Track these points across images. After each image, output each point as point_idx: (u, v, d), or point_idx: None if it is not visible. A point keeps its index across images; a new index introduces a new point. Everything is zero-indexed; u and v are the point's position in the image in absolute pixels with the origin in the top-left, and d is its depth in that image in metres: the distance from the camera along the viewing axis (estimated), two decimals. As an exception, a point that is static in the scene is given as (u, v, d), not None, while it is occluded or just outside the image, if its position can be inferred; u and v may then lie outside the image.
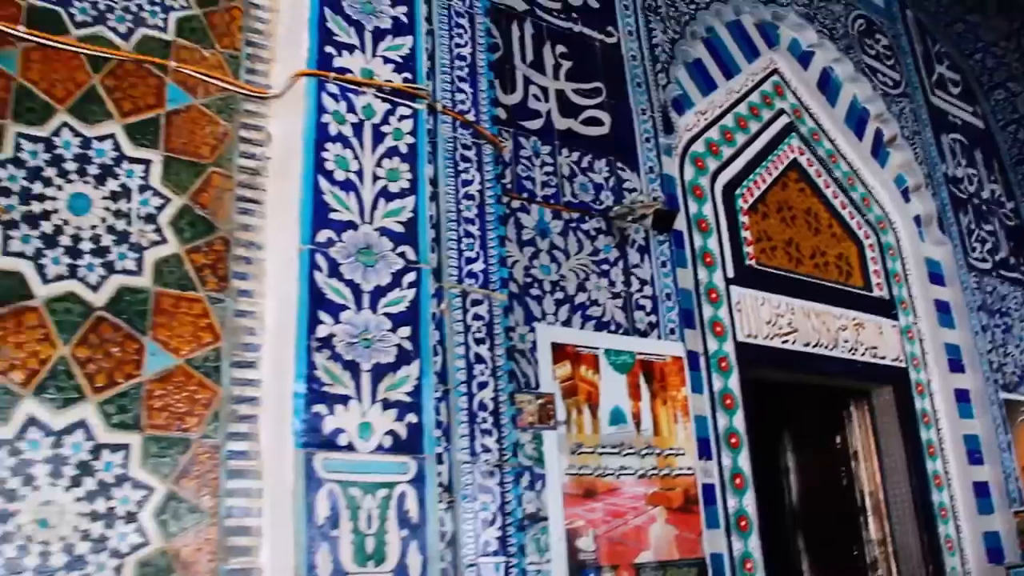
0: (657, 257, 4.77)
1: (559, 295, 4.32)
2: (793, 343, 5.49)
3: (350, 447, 2.71)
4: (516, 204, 4.32)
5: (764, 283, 5.48)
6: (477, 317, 3.53)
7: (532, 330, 4.15)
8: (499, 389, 3.50)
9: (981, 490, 6.07)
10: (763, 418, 5.94)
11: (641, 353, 4.47)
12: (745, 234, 5.52)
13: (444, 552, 3.08)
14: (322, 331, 2.78)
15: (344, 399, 2.75)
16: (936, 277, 6.57)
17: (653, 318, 4.61)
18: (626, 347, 4.43)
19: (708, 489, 4.54)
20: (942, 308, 6.49)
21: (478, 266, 3.61)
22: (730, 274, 5.30)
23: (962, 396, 6.28)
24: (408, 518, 2.74)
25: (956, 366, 6.35)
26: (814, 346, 5.60)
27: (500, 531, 3.31)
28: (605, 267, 4.54)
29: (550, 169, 4.52)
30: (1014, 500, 6.11)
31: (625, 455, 4.20)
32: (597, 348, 4.33)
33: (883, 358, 6.02)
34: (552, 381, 4.13)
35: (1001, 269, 7.03)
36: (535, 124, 4.56)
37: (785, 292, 5.57)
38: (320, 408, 2.69)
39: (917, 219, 6.65)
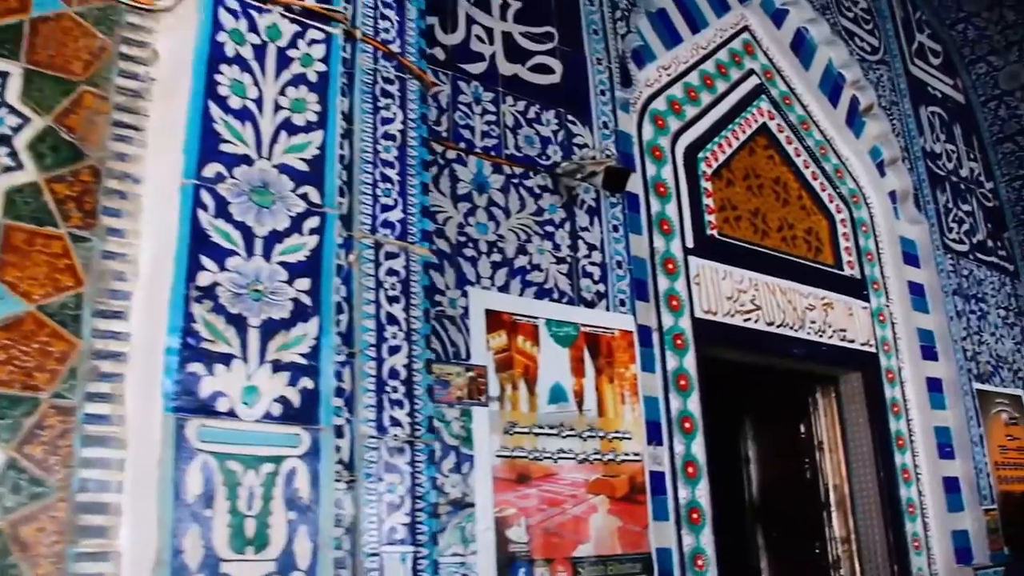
0: (608, 221, 4.31)
1: (496, 257, 3.84)
2: (756, 322, 5.05)
3: (231, 414, 2.34)
4: (452, 154, 3.85)
5: (726, 255, 5.04)
6: (392, 272, 3.05)
7: (464, 295, 3.68)
8: (414, 355, 3.03)
9: (951, 486, 5.69)
10: (722, 402, 5.55)
11: (587, 325, 4.00)
12: (707, 201, 5.08)
13: (341, 539, 2.65)
14: (204, 279, 2.39)
15: (226, 358, 2.37)
16: (910, 257, 6.17)
17: (601, 287, 4.15)
18: (570, 318, 3.97)
19: (657, 477, 4.10)
20: (916, 291, 6.09)
21: (395, 215, 3.13)
22: (689, 244, 4.85)
23: (934, 385, 5.90)
24: (298, 498, 2.38)
25: (929, 353, 5.96)
26: (779, 326, 5.17)
27: (408, 516, 2.85)
28: (549, 229, 4.07)
29: (492, 118, 4.04)
30: (985, 497, 5.74)
31: (565, 437, 3.74)
32: (537, 318, 3.86)
33: (852, 341, 5.61)
34: (485, 352, 3.66)
35: (978, 252, 6.65)
36: (477, 68, 4.07)
37: (749, 266, 5.13)
38: (197, 367, 2.31)
39: (892, 195, 6.25)
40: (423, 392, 3.01)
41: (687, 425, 4.42)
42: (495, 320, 3.73)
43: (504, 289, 3.82)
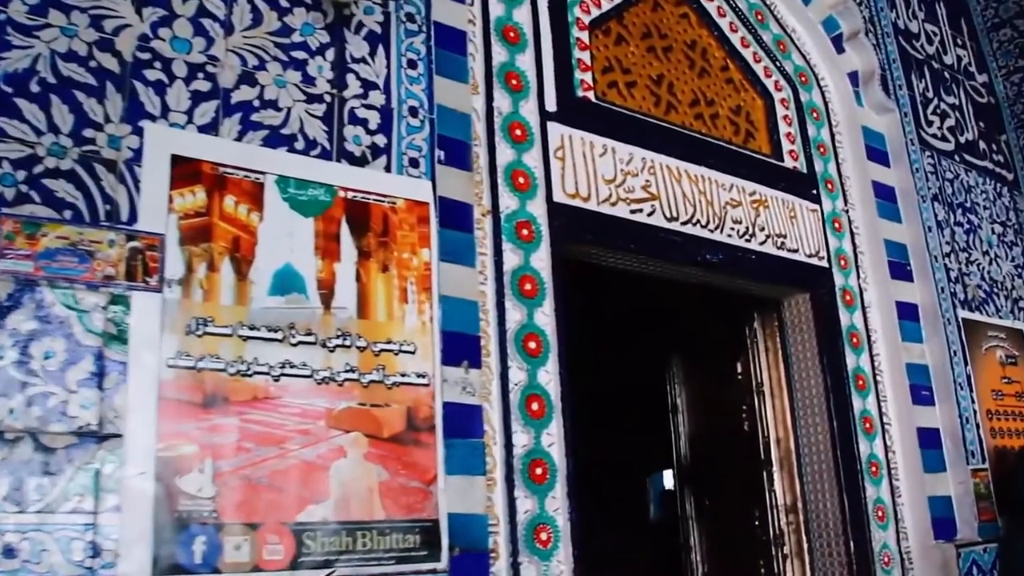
0: (402, 54, 3.04)
1: (202, 84, 2.59)
2: (650, 215, 3.74)
3: None
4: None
5: (609, 127, 3.74)
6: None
7: (138, 133, 2.43)
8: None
9: (928, 439, 4.35)
10: (643, 334, 4.29)
11: (349, 189, 2.73)
12: (580, 55, 3.77)
13: None
14: None
15: None
16: (876, 153, 4.84)
17: (380, 140, 2.88)
18: (321, 177, 2.70)
19: (466, 413, 2.81)
20: (884, 194, 4.75)
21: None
22: (550, 106, 3.55)
23: (907, 312, 4.56)
24: None
25: (900, 271, 4.62)
26: (684, 223, 3.85)
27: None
28: (299, 55, 2.82)
29: None
30: (972, 454, 4.40)
31: (296, 344, 2.48)
32: (264, 173, 2.59)
33: (794, 251, 4.28)
34: (164, 215, 2.40)
35: (966, 153, 5.29)
36: None
37: (644, 144, 3.83)
38: None
39: (853, 77, 4.90)
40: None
41: (532, 345, 3.13)
42: (188, 171, 2.48)
43: (210, 129, 2.55)
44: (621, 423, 6.13)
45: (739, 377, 4.62)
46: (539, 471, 2.99)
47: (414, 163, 2.91)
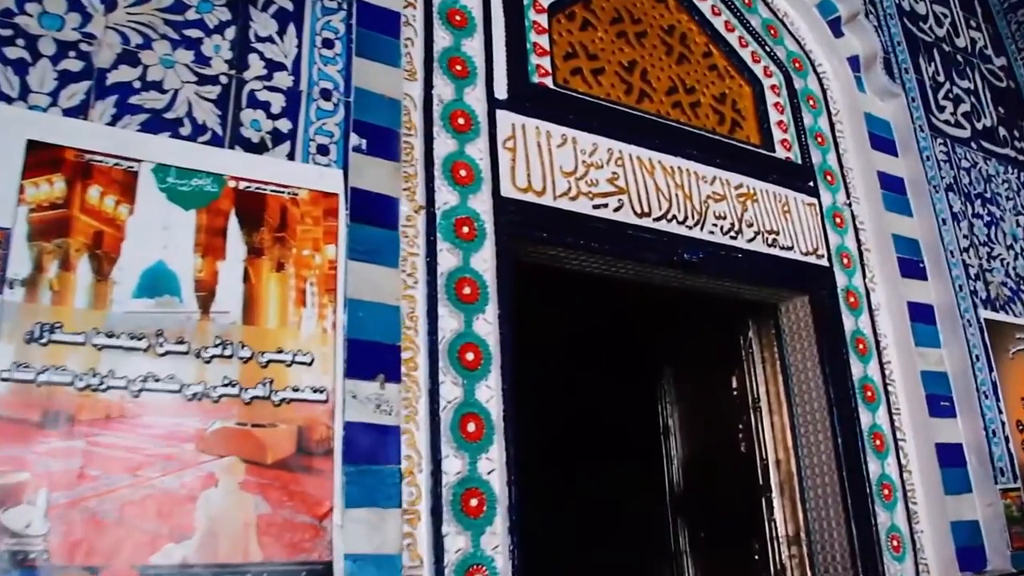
0: (316, 33, 2.71)
1: (73, 64, 2.28)
2: (617, 210, 3.36)
3: None
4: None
5: (568, 114, 3.37)
6: None
7: (-15, 116, 2.11)
8: None
9: (949, 456, 3.88)
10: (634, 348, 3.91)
11: (242, 179, 2.39)
12: (537, 39, 3.42)
13: None
14: None
15: None
16: (882, 142, 4.41)
17: (284, 125, 2.55)
18: (209, 165, 2.36)
19: (376, 435, 2.43)
20: (891, 185, 4.32)
21: None
22: (500, 93, 3.20)
23: (921, 313, 4.10)
24: None
25: (912, 269, 4.17)
26: (658, 218, 3.46)
27: None
28: (194, 32, 2.50)
29: None
30: (1002, 472, 3.91)
31: (164, 355, 2.12)
32: (137, 161, 2.26)
33: (788, 248, 3.86)
34: (13, 208, 2.08)
35: (984, 140, 4.82)
36: None
37: (611, 134, 3.45)
38: None
39: (854, 61, 4.49)
40: None
41: (469, 357, 2.75)
42: (46, 158, 2.16)
43: (77, 113, 2.24)
44: (605, 449, 5.66)
45: (734, 392, 4.20)
46: (474, 502, 2.60)
47: (323, 150, 2.57)
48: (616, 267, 3.40)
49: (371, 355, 2.49)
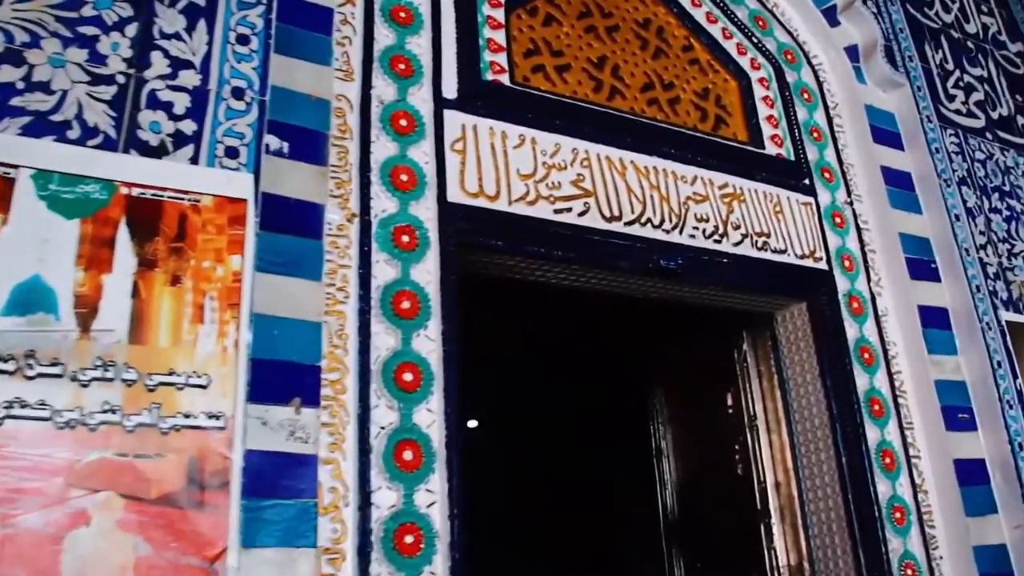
0: (231, 27, 2.51)
1: (-53, 67, 2.08)
2: (582, 214, 3.09)
3: None
4: None
5: (526, 113, 3.13)
6: None
7: None
8: None
9: (970, 474, 3.52)
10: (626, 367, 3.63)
11: (135, 184, 2.18)
12: (492, 35, 3.19)
13: None
14: None
15: None
16: (886, 135, 4.10)
17: (188, 126, 2.34)
18: (98, 170, 2.16)
19: (289, 465, 2.19)
20: (897, 181, 4.00)
21: None
22: (449, 93, 2.97)
23: (934, 318, 3.76)
24: None
25: (922, 270, 3.84)
26: (629, 222, 3.19)
27: None
28: (90, 30, 2.31)
29: None
30: (1031, 488, 3.54)
31: (33, 377, 1.90)
32: (14, 167, 2.06)
33: (781, 252, 3.56)
34: None
35: (1001, 130, 4.48)
36: None
37: (574, 132, 3.20)
38: None
39: (852, 52, 4.20)
40: None
41: (407, 378, 2.50)
42: (-94, 169, 1.95)
43: (-56, 118, 2.04)
44: (595, 474, 5.35)
45: (729, 410, 3.89)
46: (410, 539, 2.33)
47: (232, 153, 2.35)
48: (584, 277, 3.14)
49: (285, 376, 2.26)
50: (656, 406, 4.49)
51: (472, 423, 6.48)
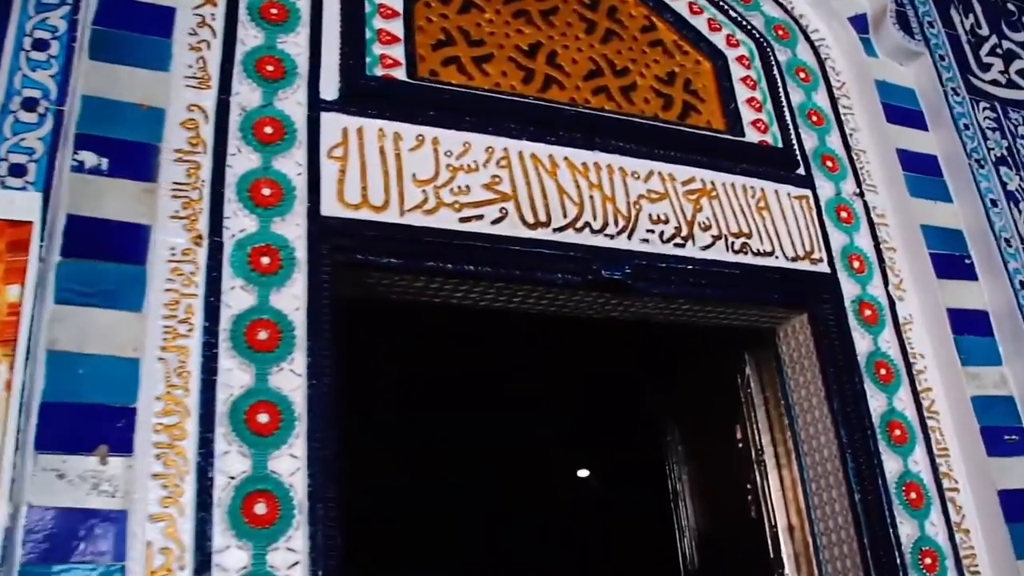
0: (27, 32, 2.23)
1: None
2: (497, 221, 2.64)
3: None
4: None
5: (427, 111, 2.72)
6: None
7: None
8: None
9: (1020, 508, 2.84)
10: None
11: None
12: (383, 25, 2.81)
13: None
14: None
15: None
16: (903, 114, 3.51)
17: (-38, 141, 2.02)
18: None
19: (91, 524, 1.85)
20: (919, 166, 3.40)
21: None
22: (328, 94, 2.60)
23: (969, 323, 3.13)
24: None
25: (952, 267, 3.22)
26: (560, 228, 2.72)
27: None
28: None
29: None
30: (1104, 526, 2.83)
31: None
32: None
33: (767, 254, 3.01)
34: None
35: (1051, 100, 3.78)
36: None
37: (489, 129, 2.76)
38: None
39: (860, 21, 3.63)
40: None
41: (262, 419, 2.11)
42: None
43: None
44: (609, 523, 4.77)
45: (739, 445, 3.31)
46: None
47: (17, 171, 2.04)
48: (507, 295, 2.68)
49: (88, 421, 1.93)
50: (670, 444, 3.95)
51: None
